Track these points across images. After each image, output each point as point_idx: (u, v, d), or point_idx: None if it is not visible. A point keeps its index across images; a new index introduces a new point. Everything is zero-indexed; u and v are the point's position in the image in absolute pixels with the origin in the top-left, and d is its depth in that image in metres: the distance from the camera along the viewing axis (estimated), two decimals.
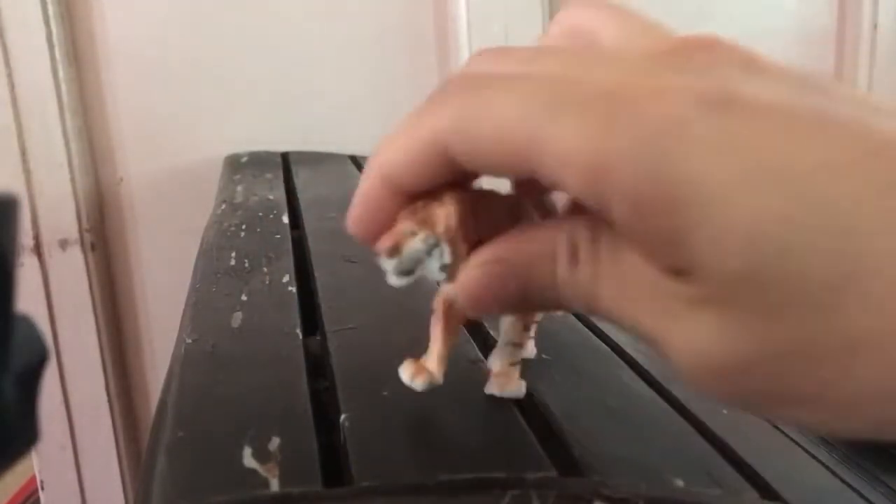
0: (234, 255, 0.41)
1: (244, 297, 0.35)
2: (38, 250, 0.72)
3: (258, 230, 0.47)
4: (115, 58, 0.74)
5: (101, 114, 0.75)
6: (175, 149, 0.76)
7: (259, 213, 0.50)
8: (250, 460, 0.22)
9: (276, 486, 0.21)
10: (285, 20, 0.76)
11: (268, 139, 0.76)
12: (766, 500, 0.23)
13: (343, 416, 0.25)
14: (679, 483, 0.23)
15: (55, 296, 0.73)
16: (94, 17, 0.73)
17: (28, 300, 0.72)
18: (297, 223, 0.48)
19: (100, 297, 0.75)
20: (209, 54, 0.75)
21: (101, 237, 0.76)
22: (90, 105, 0.74)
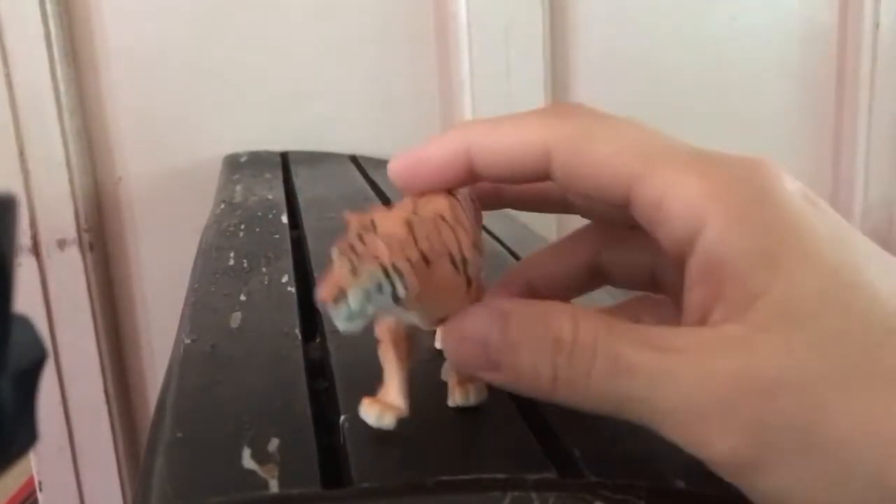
0: (233, 255, 0.41)
1: (243, 298, 0.35)
2: (36, 250, 0.72)
3: (257, 230, 0.47)
4: (114, 57, 0.74)
5: (100, 113, 0.75)
6: (174, 148, 0.76)
7: (258, 213, 0.50)
8: (249, 461, 0.22)
9: (275, 487, 0.21)
10: (285, 19, 0.76)
11: (267, 139, 0.76)
12: None
13: (343, 417, 0.25)
14: (679, 483, 0.23)
15: (53, 296, 0.73)
16: (93, 16, 0.73)
17: (26, 300, 0.71)
18: (296, 223, 0.48)
19: (98, 298, 0.75)
20: (208, 54, 0.75)
21: (100, 237, 0.76)
22: (89, 104, 0.74)
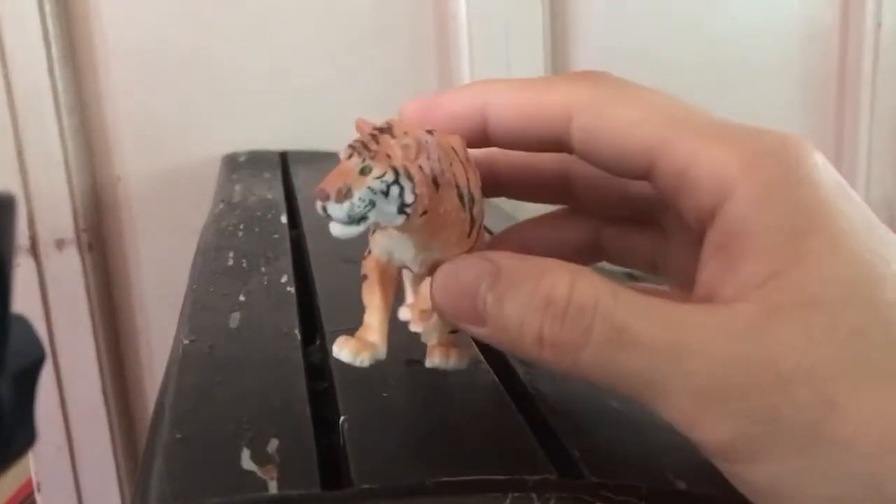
0: (232, 255, 0.41)
1: (242, 298, 0.35)
2: (34, 250, 0.72)
3: (256, 230, 0.46)
4: (113, 56, 0.73)
5: (99, 113, 0.74)
6: (173, 148, 0.76)
7: (257, 213, 0.50)
8: (248, 462, 0.22)
9: (274, 488, 0.21)
10: (284, 19, 0.76)
11: (266, 138, 0.76)
12: None
13: (342, 418, 0.25)
14: (680, 484, 0.22)
15: (52, 296, 0.73)
16: (91, 15, 0.73)
17: (24, 301, 0.71)
18: (295, 223, 0.48)
19: (97, 298, 0.74)
20: (207, 53, 0.75)
21: (99, 237, 0.76)
22: (87, 104, 0.74)
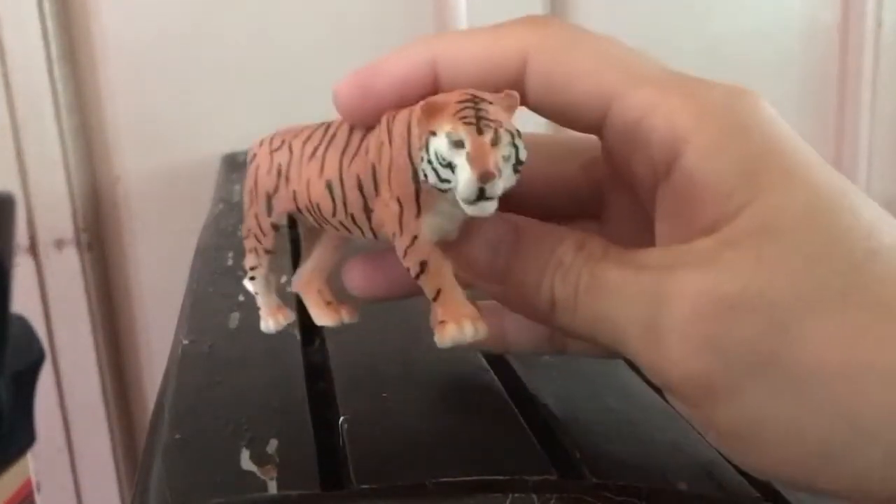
0: (231, 255, 0.41)
1: (241, 298, 0.35)
2: (33, 250, 0.72)
3: None
4: (112, 56, 0.73)
5: (98, 112, 0.74)
6: (172, 148, 0.76)
7: None
8: (248, 462, 0.22)
9: (273, 488, 0.21)
10: (283, 18, 0.76)
11: None
12: (767, 502, 0.23)
13: (342, 418, 0.25)
14: (681, 485, 0.22)
15: (51, 296, 0.73)
16: (90, 14, 0.72)
17: (24, 301, 0.71)
18: (294, 223, 0.48)
19: (96, 298, 0.74)
20: (207, 53, 0.75)
21: (98, 237, 0.76)
22: (86, 103, 0.74)
